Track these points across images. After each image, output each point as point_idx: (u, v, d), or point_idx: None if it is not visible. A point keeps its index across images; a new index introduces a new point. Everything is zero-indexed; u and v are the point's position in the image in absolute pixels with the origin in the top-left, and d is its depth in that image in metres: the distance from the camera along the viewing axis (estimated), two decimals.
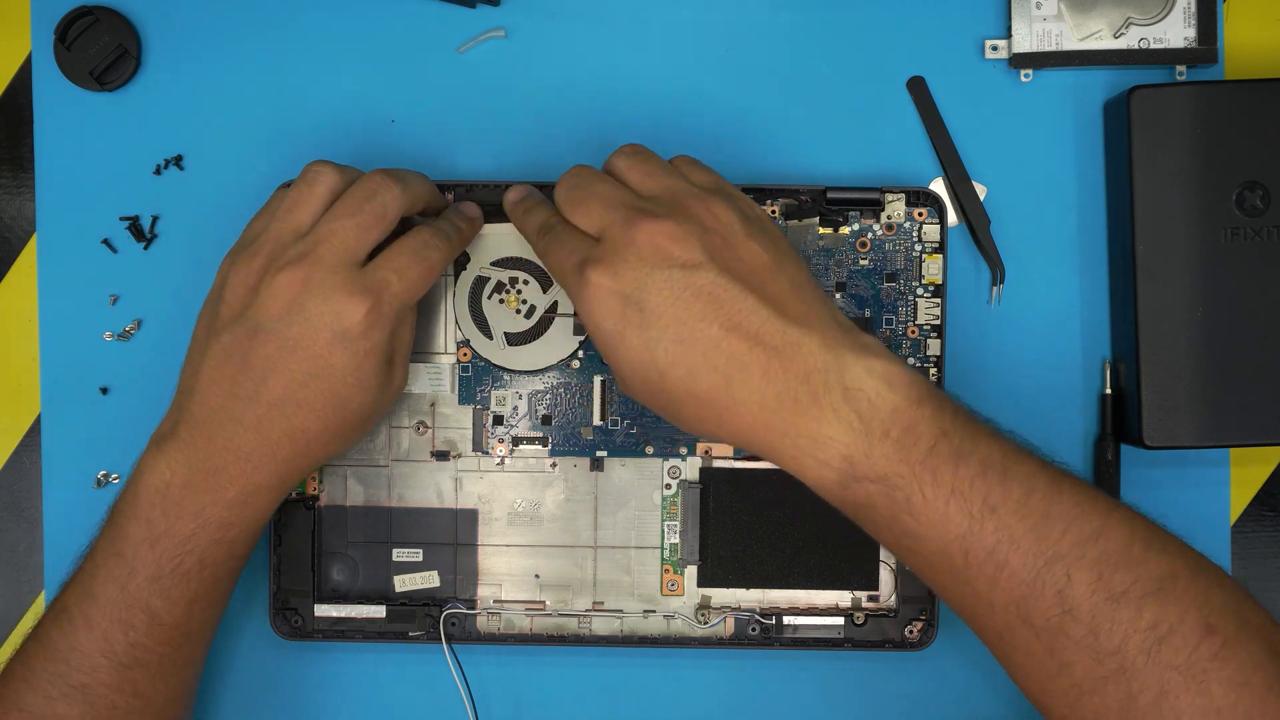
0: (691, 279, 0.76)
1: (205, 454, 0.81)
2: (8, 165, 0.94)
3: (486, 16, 0.94)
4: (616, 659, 0.94)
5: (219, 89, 0.94)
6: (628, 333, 0.77)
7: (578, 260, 0.79)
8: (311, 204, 0.83)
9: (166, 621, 0.82)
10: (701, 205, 0.79)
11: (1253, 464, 0.94)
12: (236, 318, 0.81)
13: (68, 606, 0.82)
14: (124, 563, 0.81)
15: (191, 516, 0.81)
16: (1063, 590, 0.73)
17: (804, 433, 0.75)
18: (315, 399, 0.81)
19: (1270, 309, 0.88)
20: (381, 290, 0.81)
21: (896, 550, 0.78)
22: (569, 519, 0.93)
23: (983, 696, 0.94)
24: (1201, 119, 0.88)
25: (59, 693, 0.81)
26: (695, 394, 0.76)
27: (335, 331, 0.80)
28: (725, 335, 0.76)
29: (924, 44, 0.93)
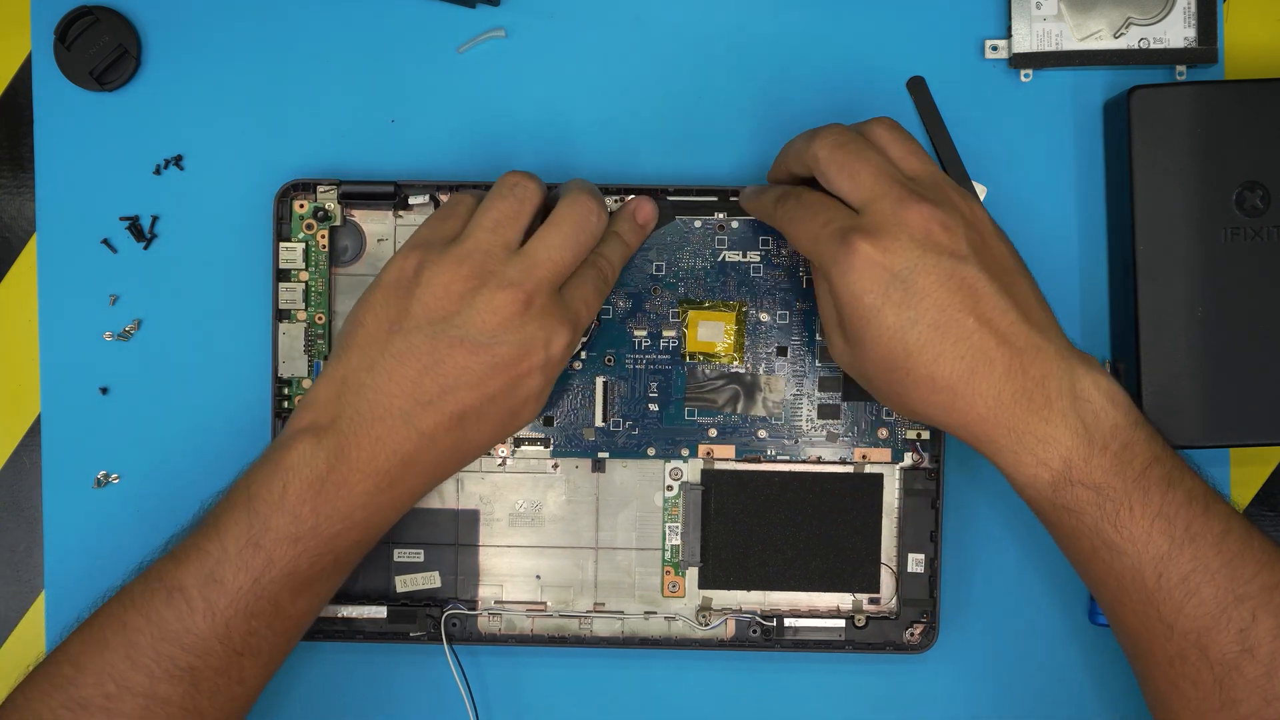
0: (957, 269, 0.78)
1: (370, 455, 0.80)
2: (8, 165, 0.94)
3: (486, 16, 0.94)
4: (617, 660, 0.94)
5: (219, 89, 0.94)
6: (886, 309, 0.78)
7: (838, 228, 0.79)
8: (521, 220, 0.83)
9: (290, 614, 0.81)
10: (960, 198, 0.81)
11: (1253, 464, 0.94)
12: (437, 321, 0.81)
13: (186, 587, 0.80)
14: (261, 554, 0.80)
15: (341, 518, 0.80)
16: (1245, 630, 0.76)
17: (1031, 431, 0.77)
18: (496, 414, 0.83)
19: (1270, 309, 0.88)
20: (577, 321, 0.84)
21: (1087, 562, 0.80)
22: (570, 520, 0.93)
23: (983, 700, 0.94)
24: (1201, 119, 0.88)
25: (164, 673, 0.79)
26: (934, 378, 0.78)
27: (543, 357, 0.82)
28: (978, 328, 0.77)
29: (924, 44, 0.94)
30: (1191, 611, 0.77)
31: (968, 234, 0.79)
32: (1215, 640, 0.77)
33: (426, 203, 0.91)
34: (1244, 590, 0.77)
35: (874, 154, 0.81)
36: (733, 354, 0.92)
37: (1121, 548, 0.77)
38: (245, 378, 0.93)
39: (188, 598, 0.79)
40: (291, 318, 0.91)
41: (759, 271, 0.92)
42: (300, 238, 0.91)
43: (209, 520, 0.82)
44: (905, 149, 0.82)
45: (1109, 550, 0.78)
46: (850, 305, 0.79)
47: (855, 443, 0.92)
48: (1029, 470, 0.78)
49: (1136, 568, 0.77)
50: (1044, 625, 0.94)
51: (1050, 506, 0.79)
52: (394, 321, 0.82)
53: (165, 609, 0.80)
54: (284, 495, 0.80)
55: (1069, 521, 0.79)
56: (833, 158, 0.81)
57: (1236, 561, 0.77)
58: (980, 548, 0.94)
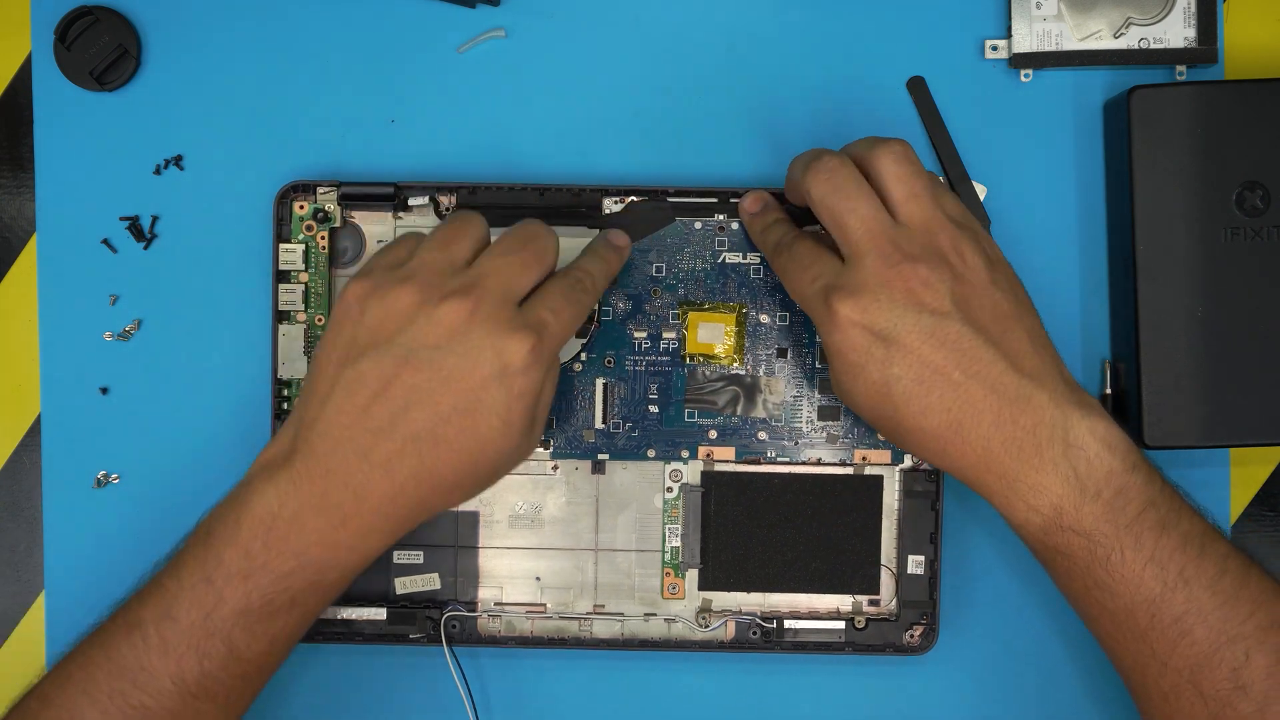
0: (939, 326, 0.78)
1: (321, 490, 0.78)
2: (8, 165, 0.94)
3: (486, 16, 0.94)
4: (617, 662, 0.94)
5: (219, 89, 0.94)
6: (869, 366, 0.79)
7: (823, 286, 0.80)
8: (466, 241, 0.81)
9: (245, 657, 0.79)
10: (953, 246, 0.80)
11: (1253, 464, 0.94)
12: (382, 343, 0.78)
13: (143, 622, 0.78)
14: (213, 590, 0.78)
15: (293, 555, 0.78)
16: (1238, 668, 0.77)
17: (1021, 479, 0.78)
18: (456, 438, 0.78)
19: (1270, 309, 0.88)
20: (541, 329, 0.79)
21: (1079, 599, 0.81)
22: (570, 521, 0.92)
23: (983, 702, 0.94)
24: (1201, 119, 0.88)
25: (118, 710, 0.77)
26: (924, 429, 0.79)
27: (495, 367, 0.77)
28: (964, 381, 0.78)
29: (924, 44, 0.94)
30: (1184, 651, 0.78)
31: (953, 288, 0.79)
32: (1208, 677, 0.78)
33: (426, 203, 0.91)
34: (1238, 630, 0.78)
35: (864, 202, 0.80)
36: (733, 356, 0.92)
37: (1113, 589, 0.78)
38: (245, 378, 0.93)
39: (144, 634, 0.78)
40: (291, 319, 0.91)
41: (759, 273, 0.92)
42: (300, 239, 0.91)
43: (172, 557, 0.81)
44: (907, 189, 0.81)
45: (1101, 590, 0.79)
46: (834, 360, 0.81)
47: (855, 444, 0.92)
48: (1020, 515, 0.79)
49: (1129, 608, 0.78)
50: (1043, 627, 0.94)
51: (1042, 548, 0.80)
52: (344, 352, 0.79)
53: (123, 644, 0.79)
54: (237, 531, 0.78)
55: (1061, 563, 0.80)
56: (824, 202, 0.81)
57: (1231, 603, 0.78)
58: (980, 550, 0.94)
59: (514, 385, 0.78)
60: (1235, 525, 0.94)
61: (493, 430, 0.78)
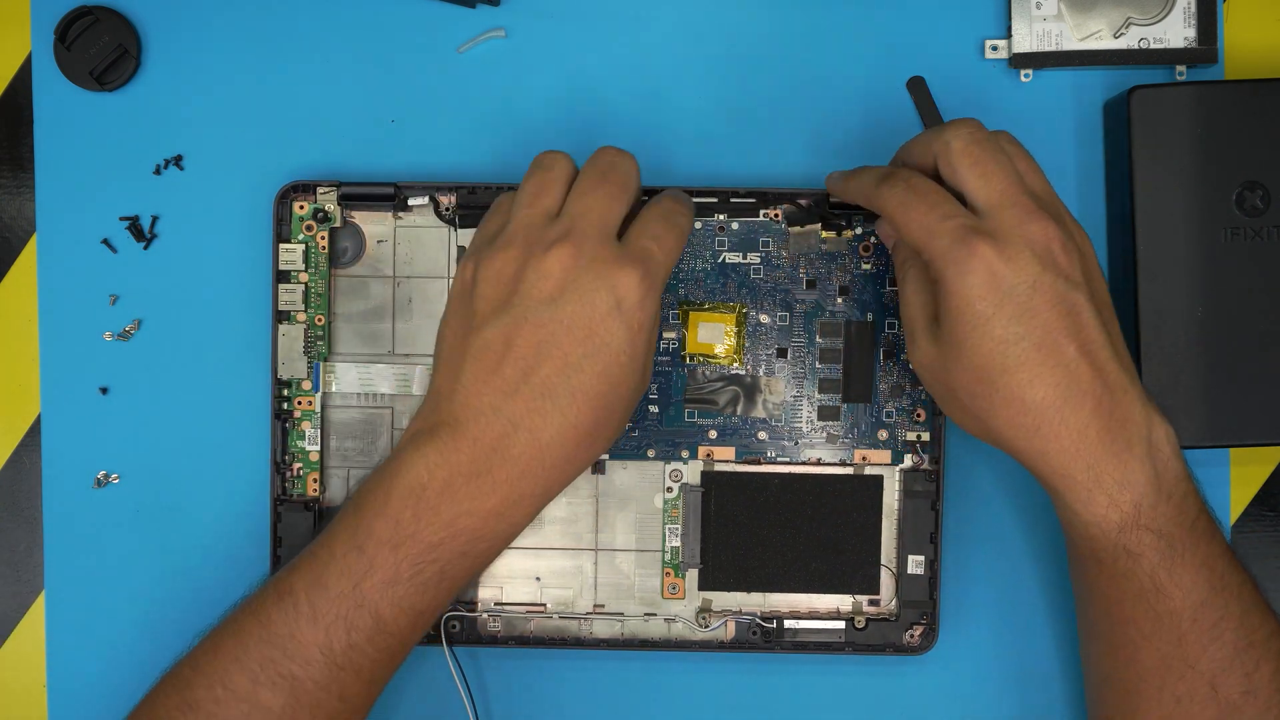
0: (1069, 294, 0.77)
1: (469, 458, 0.78)
2: (8, 165, 0.94)
3: (486, 16, 0.94)
4: (617, 662, 0.94)
5: (219, 89, 0.94)
6: (996, 320, 0.77)
7: (960, 224, 0.78)
8: (555, 187, 0.81)
9: (390, 630, 0.79)
10: (1075, 226, 0.81)
11: (1253, 464, 0.94)
12: (498, 308, 0.79)
13: (295, 590, 0.79)
14: (363, 559, 0.78)
15: (443, 525, 0.78)
16: (1250, 673, 0.79)
17: (1110, 471, 0.78)
18: (589, 384, 0.78)
19: (1270, 309, 0.88)
20: (647, 258, 0.79)
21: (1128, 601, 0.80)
22: (570, 521, 0.93)
23: (982, 701, 0.94)
24: (1201, 119, 0.88)
25: (268, 679, 0.78)
26: (1024, 400, 0.77)
27: (611, 303, 0.77)
28: (1078, 356, 0.77)
29: (924, 44, 0.94)
30: (1214, 654, 0.79)
31: (1081, 261, 0.79)
32: (1226, 681, 0.79)
33: (426, 204, 0.92)
34: (1254, 637, 0.80)
35: (1008, 160, 0.80)
36: (733, 356, 0.92)
37: (1169, 591, 0.79)
38: (245, 378, 0.93)
39: (295, 602, 0.79)
40: (291, 319, 0.91)
41: (759, 273, 0.92)
42: (300, 239, 0.91)
43: (324, 529, 0.81)
44: (1029, 164, 0.81)
45: (1156, 593, 0.79)
46: (959, 308, 0.78)
47: (855, 444, 0.92)
48: (1100, 509, 0.78)
49: (1177, 610, 0.79)
50: (1043, 627, 0.94)
51: (1111, 546, 0.79)
52: (465, 324, 0.80)
53: (275, 611, 0.79)
54: (386, 502, 0.78)
55: (1125, 563, 0.79)
56: (967, 150, 0.80)
57: (1252, 610, 0.80)
58: (980, 550, 0.94)
59: (633, 319, 0.78)
60: (1235, 525, 0.94)
61: (622, 369, 0.78)
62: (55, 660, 0.94)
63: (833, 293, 0.92)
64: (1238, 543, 0.94)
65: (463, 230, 0.92)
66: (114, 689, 0.90)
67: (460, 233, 0.92)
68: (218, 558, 0.93)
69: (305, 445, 0.92)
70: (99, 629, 0.93)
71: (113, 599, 0.93)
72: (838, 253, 0.92)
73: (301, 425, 0.92)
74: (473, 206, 0.91)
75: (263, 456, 0.92)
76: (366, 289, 0.92)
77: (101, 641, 0.93)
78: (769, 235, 0.92)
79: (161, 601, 0.93)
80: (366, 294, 0.92)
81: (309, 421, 0.92)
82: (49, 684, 0.94)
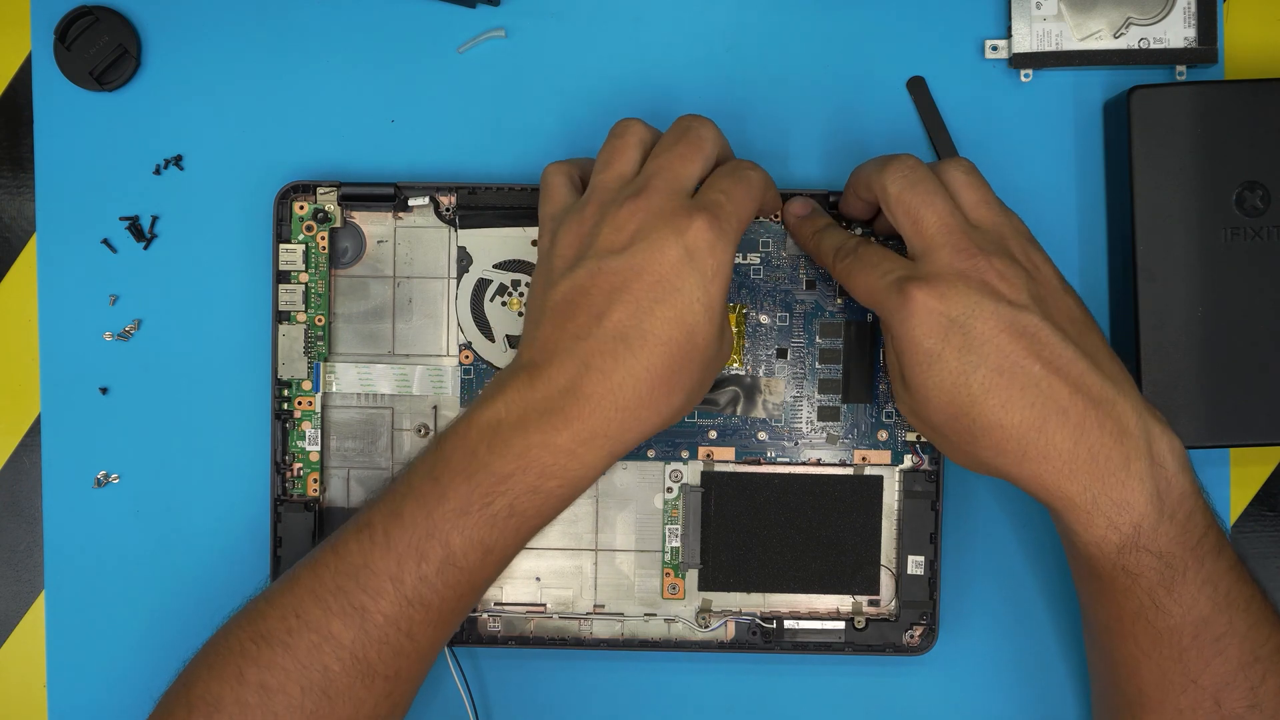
0: (1017, 316, 0.78)
1: (543, 395, 0.79)
2: (8, 165, 0.94)
3: (486, 16, 0.94)
4: (617, 662, 0.94)
5: (219, 89, 0.94)
6: (946, 353, 0.78)
7: (896, 278, 0.80)
8: (629, 152, 0.83)
9: (460, 564, 0.79)
10: (1024, 252, 0.81)
11: (1253, 464, 0.94)
12: (572, 263, 0.80)
13: (372, 522, 0.80)
14: (437, 487, 0.79)
15: (515, 456, 0.78)
16: (1256, 687, 0.79)
17: (1107, 493, 0.78)
18: (662, 329, 0.78)
19: (1270, 309, 0.88)
20: (716, 208, 0.80)
21: (1127, 618, 0.80)
22: (570, 522, 0.93)
23: (982, 702, 0.94)
24: (1201, 119, 0.88)
25: (339, 608, 0.79)
26: (1003, 426, 0.78)
27: (681, 251, 0.78)
28: (1047, 374, 0.77)
29: (924, 44, 0.94)
30: (1216, 669, 0.79)
31: (1028, 285, 0.79)
32: (1230, 695, 0.79)
33: (426, 204, 0.92)
34: (1260, 652, 0.79)
35: (941, 200, 0.81)
36: (733, 356, 0.92)
37: (1168, 609, 0.78)
38: (245, 378, 0.93)
39: (371, 533, 0.80)
40: (291, 319, 0.91)
41: (759, 273, 0.92)
42: (300, 239, 0.91)
43: (406, 466, 0.83)
44: (977, 196, 0.82)
45: (1155, 611, 0.79)
46: (910, 352, 0.79)
47: (855, 445, 0.92)
48: (1098, 532, 0.78)
49: (1177, 627, 0.79)
50: (1043, 627, 0.94)
51: (1110, 566, 0.79)
52: (547, 279, 0.81)
53: (352, 542, 0.80)
54: (465, 435, 0.79)
55: (1124, 582, 0.79)
56: (901, 197, 0.81)
57: (1259, 625, 0.80)
58: (980, 550, 0.94)
59: (704, 265, 0.79)
60: (1235, 525, 0.94)
61: (696, 316, 0.79)
62: (55, 660, 0.94)
63: (833, 293, 0.91)
64: (1238, 543, 0.94)
65: (463, 230, 0.92)
66: (114, 689, 0.90)
67: (460, 233, 0.92)
68: (218, 558, 0.93)
69: (305, 445, 0.92)
70: (99, 629, 0.93)
71: (113, 599, 0.93)
72: None
73: (302, 425, 0.92)
74: (473, 206, 0.91)
75: (263, 456, 0.92)
76: (366, 289, 0.92)
77: (101, 641, 0.93)
78: (769, 235, 0.92)
79: (161, 601, 0.93)
80: (366, 294, 0.92)
81: (309, 422, 0.92)
82: (49, 684, 0.94)
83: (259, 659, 0.79)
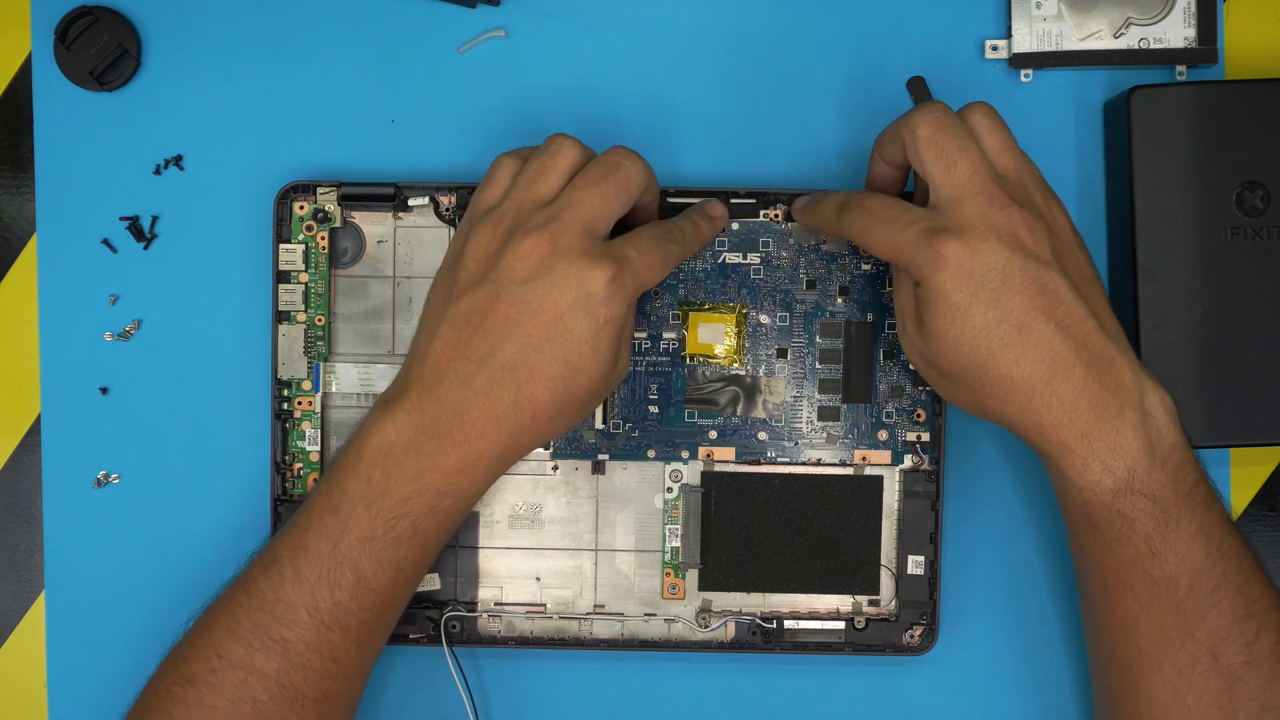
0: (1040, 274, 0.79)
1: (432, 418, 0.80)
2: (8, 165, 0.94)
3: (486, 16, 0.94)
4: (617, 662, 0.94)
5: (219, 89, 0.94)
6: (974, 308, 0.79)
7: (923, 229, 0.80)
8: (554, 175, 0.83)
9: (372, 585, 0.81)
10: (1046, 203, 0.82)
11: (1253, 464, 0.94)
12: (477, 281, 0.81)
13: (279, 558, 0.82)
14: (339, 519, 0.81)
15: (410, 480, 0.80)
16: (1251, 643, 0.80)
17: (1102, 439, 0.79)
18: (549, 366, 0.80)
19: (1270, 309, 0.88)
20: (624, 261, 0.81)
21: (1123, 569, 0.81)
22: (570, 522, 0.93)
23: (982, 702, 0.94)
24: (1201, 119, 0.88)
25: (260, 643, 0.81)
26: (1013, 378, 0.79)
27: (578, 295, 0.80)
28: (1058, 333, 0.79)
29: (924, 44, 0.94)
30: (1212, 622, 0.79)
31: (1050, 240, 0.80)
32: (1226, 650, 0.79)
33: (426, 204, 0.92)
34: (1254, 608, 0.80)
35: (975, 147, 0.81)
36: (733, 356, 0.92)
37: (1165, 557, 0.79)
38: (245, 378, 0.93)
39: (280, 569, 0.81)
40: (291, 319, 0.92)
41: (759, 273, 0.92)
42: (300, 239, 0.91)
43: (304, 500, 0.84)
44: (1002, 142, 0.82)
45: (1152, 558, 0.80)
46: (937, 304, 0.79)
47: (855, 445, 0.92)
48: (1094, 476, 0.79)
49: (1173, 577, 0.79)
50: (1043, 627, 0.94)
51: (1105, 511, 0.80)
52: (446, 292, 0.83)
53: (261, 580, 0.82)
54: (358, 462, 0.81)
55: (1119, 528, 0.80)
56: (932, 140, 0.81)
57: (1251, 580, 0.80)
58: (980, 550, 0.94)
59: (598, 314, 0.80)
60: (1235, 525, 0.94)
61: (583, 358, 0.81)
62: (55, 660, 0.94)
63: (833, 293, 0.91)
64: None
65: None
66: (114, 689, 0.90)
67: None
68: (218, 558, 0.93)
69: (305, 445, 0.92)
70: (99, 629, 0.93)
71: (113, 599, 0.93)
72: (838, 253, 0.92)
73: (302, 425, 0.92)
74: None
75: (263, 456, 0.92)
76: (366, 289, 0.92)
77: (101, 641, 0.93)
78: (769, 235, 0.92)
79: (161, 601, 0.93)
80: (366, 294, 0.92)
81: (309, 421, 0.92)
82: (49, 684, 0.94)
83: (186, 701, 0.81)
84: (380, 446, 0.81)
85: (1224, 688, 0.80)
